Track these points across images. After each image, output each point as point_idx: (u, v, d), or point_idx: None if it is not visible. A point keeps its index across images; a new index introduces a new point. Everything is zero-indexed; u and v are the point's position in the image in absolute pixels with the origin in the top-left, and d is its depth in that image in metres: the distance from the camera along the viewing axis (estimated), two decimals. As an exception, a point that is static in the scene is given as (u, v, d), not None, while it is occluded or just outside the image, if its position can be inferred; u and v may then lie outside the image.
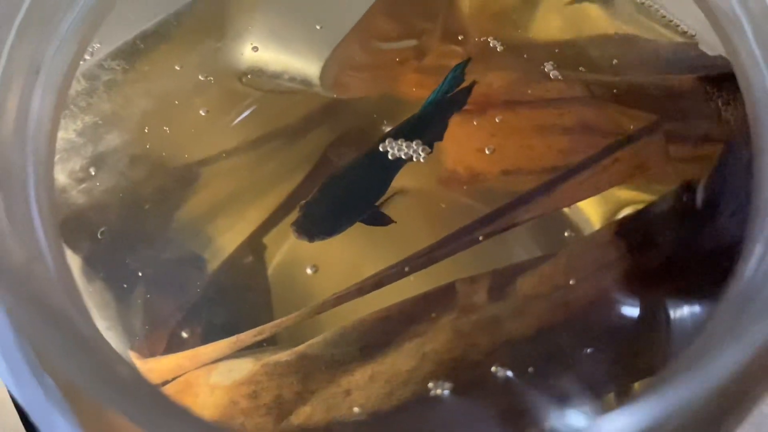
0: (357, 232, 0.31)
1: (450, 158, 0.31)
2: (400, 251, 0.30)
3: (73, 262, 0.29)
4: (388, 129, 0.32)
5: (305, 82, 0.32)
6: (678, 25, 0.30)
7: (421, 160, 0.29)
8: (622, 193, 0.29)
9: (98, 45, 0.26)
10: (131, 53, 0.30)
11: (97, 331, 0.18)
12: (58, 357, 0.17)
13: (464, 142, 0.32)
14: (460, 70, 0.31)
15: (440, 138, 0.30)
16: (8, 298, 0.17)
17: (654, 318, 0.24)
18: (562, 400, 0.23)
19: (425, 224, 0.32)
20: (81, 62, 0.22)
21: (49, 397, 0.18)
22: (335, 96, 0.33)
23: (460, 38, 0.33)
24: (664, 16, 0.30)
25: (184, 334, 0.29)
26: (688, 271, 0.24)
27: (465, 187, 0.31)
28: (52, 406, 0.18)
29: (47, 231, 0.18)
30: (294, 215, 0.31)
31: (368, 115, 0.33)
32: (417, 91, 0.34)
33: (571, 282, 0.24)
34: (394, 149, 0.29)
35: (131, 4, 0.25)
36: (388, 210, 0.30)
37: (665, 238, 0.24)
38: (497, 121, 0.31)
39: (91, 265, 0.29)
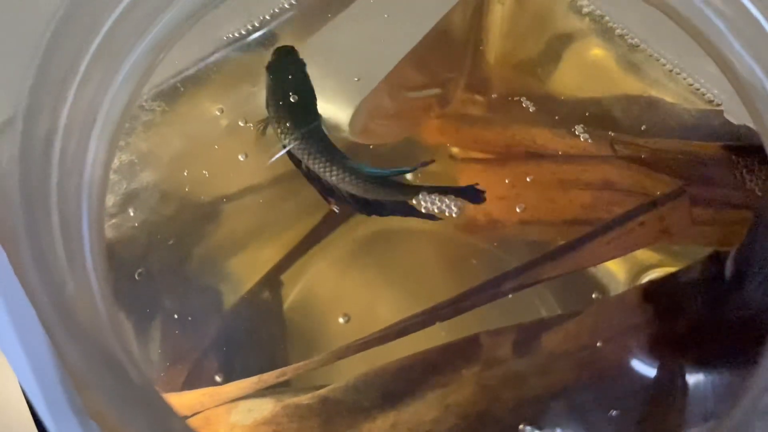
0: (373, 272, 0.32)
1: (470, 205, 0.31)
2: (419, 294, 0.30)
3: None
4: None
5: (334, 127, 0.33)
6: (704, 94, 0.31)
7: (454, 215, 0.30)
8: (646, 254, 0.29)
9: (141, 87, 0.26)
10: (171, 95, 0.31)
11: (143, 373, 0.18)
12: (105, 399, 0.17)
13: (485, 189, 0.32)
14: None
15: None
16: (58, 332, 0.17)
17: (673, 383, 0.24)
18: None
19: (444, 268, 0.33)
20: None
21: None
22: (361, 141, 0.34)
23: (493, 96, 0.33)
24: (691, 84, 0.31)
25: (203, 370, 0.29)
26: (714, 339, 0.24)
27: (484, 234, 0.32)
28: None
29: (99, 273, 0.18)
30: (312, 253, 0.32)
31: (387, 156, 0.34)
32: (438, 136, 0.35)
33: (598, 344, 0.24)
34: (427, 203, 0.30)
35: (177, 49, 0.25)
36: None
37: (692, 305, 0.24)
38: (519, 172, 0.32)
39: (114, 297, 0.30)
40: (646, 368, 0.25)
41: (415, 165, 0.31)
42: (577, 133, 0.31)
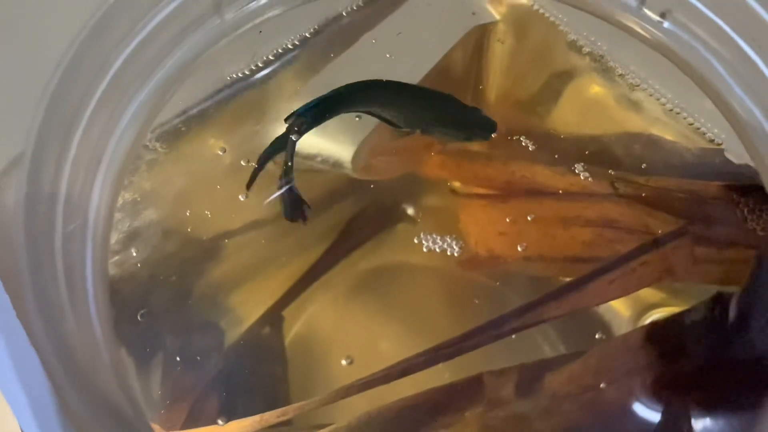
0: (375, 308, 0.32)
1: (471, 240, 0.32)
2: (421, 332, 0.30)
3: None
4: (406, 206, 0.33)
5: (336, 164, 0.33)
6: (705, 133, 0.31)
7: (455, 254, 0.30)
8: (648, 292, 0.29)
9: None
10: (175, 135, 0.31)
11: (142, 415, 0.18)
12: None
13: (486, 225, 0.32)
14: None
15: None
16: (59, 376, 0.17)
17: (678, 426, 0.24)
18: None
19: (446, 305, 0.32)
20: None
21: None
22: (363, 178, 0.34)
23: (493, 135, 0.34)
24: (691, 123, 0.31)
25: (204, 408, 0.29)
26: (719, 382, 0.24)
27: (486, 269, 0.32)
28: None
29: (101, 314, 0.18)
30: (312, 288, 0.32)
31: (389, 192, 0.34)
32: (439, 171, 0.35)
33: (601, 385, 0.24)
34: (428, 242, 0.30)
35: (182, 89, 0.26)
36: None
37: (696, 347, 0.24)
38: (520, 208, 0.32)
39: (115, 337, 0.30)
40: (650, 411, 0.25)
41: None
42: (577, 171, 0.31)
